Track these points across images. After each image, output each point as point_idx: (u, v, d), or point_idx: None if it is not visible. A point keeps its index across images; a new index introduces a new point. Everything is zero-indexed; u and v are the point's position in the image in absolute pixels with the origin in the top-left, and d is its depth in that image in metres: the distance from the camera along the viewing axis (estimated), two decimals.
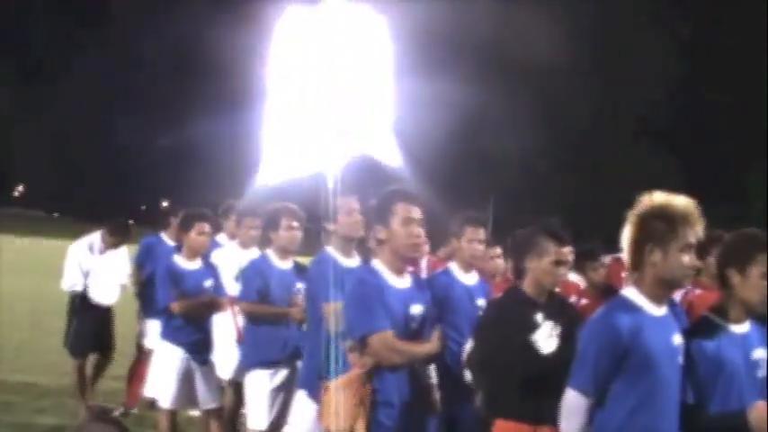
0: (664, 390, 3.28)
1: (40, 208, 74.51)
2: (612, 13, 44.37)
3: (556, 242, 4.12)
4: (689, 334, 3.46)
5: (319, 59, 4.49)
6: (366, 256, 4.78)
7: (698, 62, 43.75)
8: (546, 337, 3.99)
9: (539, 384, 3.79)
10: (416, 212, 3.97)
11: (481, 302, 4.94)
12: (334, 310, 4.38)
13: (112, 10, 70.00)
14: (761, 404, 3.35)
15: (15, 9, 67.84)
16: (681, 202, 3.35)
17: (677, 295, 5.20)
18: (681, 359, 3.36)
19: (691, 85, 43.88)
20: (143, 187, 61.31)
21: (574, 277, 6.31)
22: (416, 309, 3.98)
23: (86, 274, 7.78)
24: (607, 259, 6.13)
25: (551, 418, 3.48)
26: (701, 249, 3.75)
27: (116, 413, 7.57)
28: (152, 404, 7.08)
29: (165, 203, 43.86)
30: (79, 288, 7.80)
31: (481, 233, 5.11)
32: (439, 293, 4.61)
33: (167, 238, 7.93)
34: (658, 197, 3.38)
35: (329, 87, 4.44)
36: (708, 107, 42.73)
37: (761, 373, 3.49)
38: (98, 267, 7.81)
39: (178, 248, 6.60)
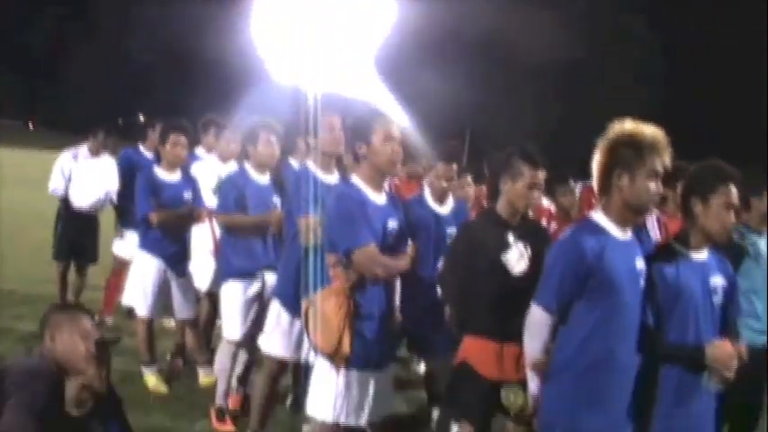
0: (624, 312, 3.41)
1: (15, 118, 73.18)
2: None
3: (530, 166, 4.21)
4: (651, 259, 3.58)
5: None
6: (343, 173, 4.87)
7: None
8: (516, 258, 4.11)
9: (507, 303, 3.91)
10: (396, 131, 4.09)
11: (452, 231, 5.07)
12: (309, 223, 4.48)
13: None
14: (719, 342, 3.49)
15: None
16: (649, 130, 3.45)
17: (652, 220, 5.38)
18: (642, 283, 3.49)
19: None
20: (120, 100, 60.28)
21: (546, 202, 6.45)
22: (392, 224, 4.10)
23: (69, 179, 7.92)
24: (579, 186, 6.26)
25: (518, 335, 3.62)
26: (669, 179, 3.87)
27: None
28: (129, 313, 7.21)
29: (142, 117, 43.34)
30: (60, 191, 7.98)
31: (452, 169, 5.21)
32: (411, 220, 4.70)
33: (146, 151, 7.95)
34: (628, 125, 3.48)
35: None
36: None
37: (717, 299, 3.64)
38: (80, 173, 7.92)
39: (157, 160, 6.63)
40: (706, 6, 43.46)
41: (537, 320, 3.48)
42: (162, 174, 6.28)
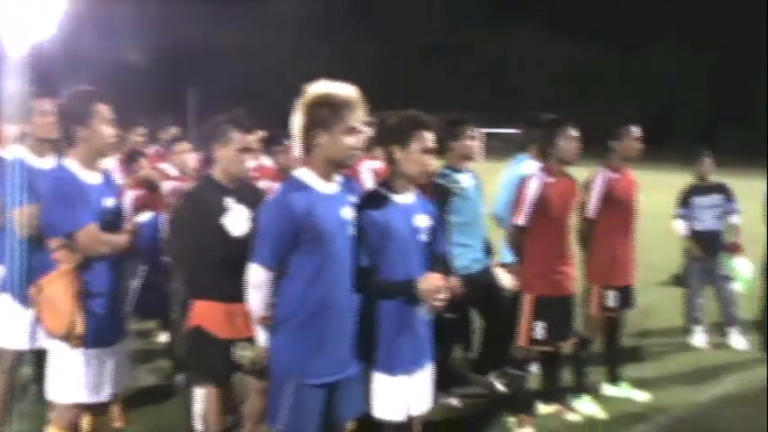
0: (336, 260, 3.67)
1: None
2: None
3: (239, 130, 4.42)
4: (360, 206, 3.87)
5: None
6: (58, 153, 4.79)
7: None
8: (236, 221, 4.32)
9: (231, 265, 4.03)
10: (110, 113, 4.15)
11: None
12: (25, 213, 4.44)
13: None
14: (430, 275, 3.83)
15: None
16: (343, 89, 3.69)
17: (367, 169, 5.76)
18: (351, 230, 3.77)
19: None
20: None
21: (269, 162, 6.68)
22: (110, 202, 4.17)
23: None
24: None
25: (244, 294, 3.81)
26: None
27: None
28: None
29: None
30: None
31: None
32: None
33: None
34: (321, 86, 3.70)
35: None
36: None
37: (423, 237, 4.01)
38: None
39: None
40: None
41: (256, 277, 3.68)
42: None
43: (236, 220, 4.33)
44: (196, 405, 4.80)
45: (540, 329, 5.59)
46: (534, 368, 6.10)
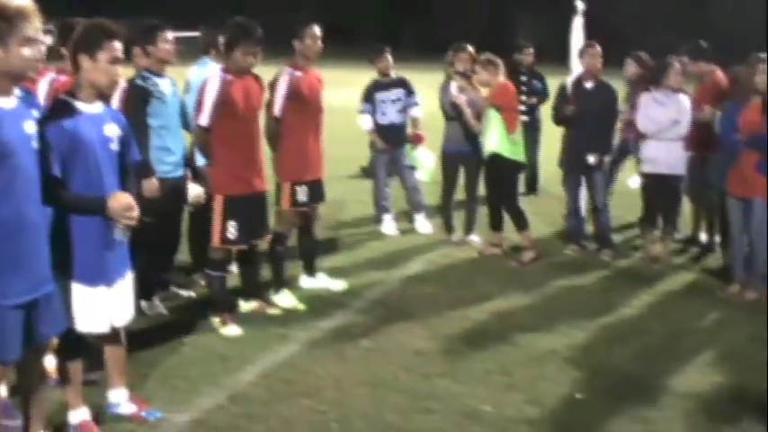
0: (24, 176, 3.45)
1: None
2: None
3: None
4: (47, 116, 3.71)
5: None
6: None
7: None
8: None
9: None
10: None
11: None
12: None
13: None
14: (116, 194, 3.76)
15: None
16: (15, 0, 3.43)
17: (45, 82, 5.40)
18: (36, 143, 3.55)
19: None
20: None
21: None
22: None
23: None
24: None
25: None
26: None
27: None
28: None
29: None
30: None
31: None
32: None
33: None
34: None
35: None
36: None
37: (114, 146, 3.96)
38: None
39: None
40: None
41: None
42: None
43: None
44: None
45: (232, 229, 5.66)
46: (233, 267, 6.19)
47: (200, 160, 5.94)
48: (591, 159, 7.71)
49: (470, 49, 8.27)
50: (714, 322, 6.33)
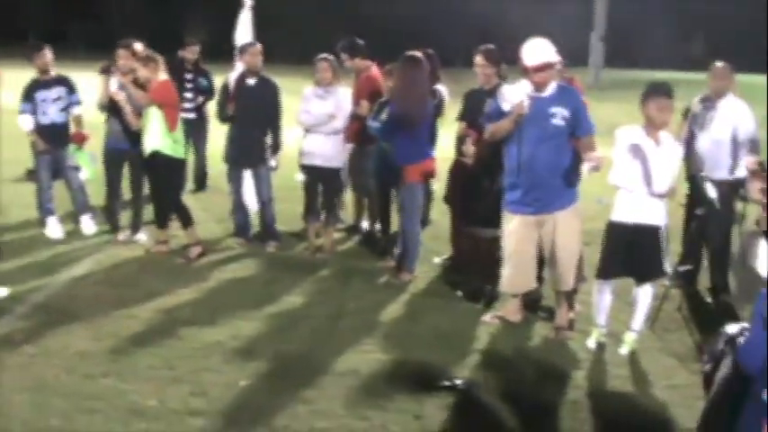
0: None
1: None
2: None
3: None
4: None
5: None
6: None
7: None
8: None
9: None
10: None
11: None
12: None
13: None
14: None
15: None
16: None
17: None
18: None
19: None
20: None
21: None
22: None
23: None
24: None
25: None
26: None
27: None
28: None
29: None
30: None
31: None
32: None
33: None
34: None
35: None
36: None
37: None
38: None
39: None
40: None
41: None
42: None
43: None
44: None
45: None
46: None
47: None
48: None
49: (136, 45, 8.27)
50: (373, 303, 6.82)
